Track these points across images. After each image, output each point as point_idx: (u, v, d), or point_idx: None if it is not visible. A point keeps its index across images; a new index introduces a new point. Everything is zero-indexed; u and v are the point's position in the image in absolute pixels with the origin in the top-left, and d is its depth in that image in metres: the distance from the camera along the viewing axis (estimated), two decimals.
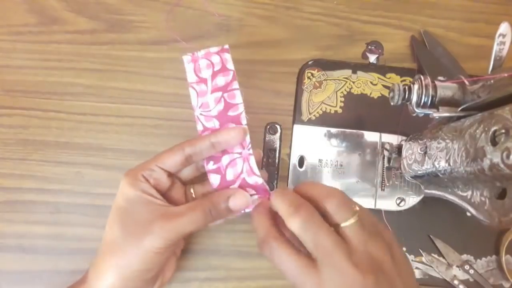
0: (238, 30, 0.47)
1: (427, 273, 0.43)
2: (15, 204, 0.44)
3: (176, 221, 0.31)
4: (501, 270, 0.43)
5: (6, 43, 0.46)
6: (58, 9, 0.47)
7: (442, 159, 0.33)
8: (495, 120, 0.26)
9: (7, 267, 0.43)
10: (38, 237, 0.43)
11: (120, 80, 0.46)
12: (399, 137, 0.44)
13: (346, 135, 0.45)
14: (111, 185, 0.44)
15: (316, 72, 0.46)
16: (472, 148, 0.28)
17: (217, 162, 0.35)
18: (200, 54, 0.35)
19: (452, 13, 0.49)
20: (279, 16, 0.48)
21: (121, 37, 0.47)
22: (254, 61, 0.47)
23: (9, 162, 0.44)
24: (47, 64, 0.46)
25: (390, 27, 0.48)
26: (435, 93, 0.32)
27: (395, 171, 0.44)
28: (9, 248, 0.43)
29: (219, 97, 0.35)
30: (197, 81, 0.35)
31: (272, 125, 0.46)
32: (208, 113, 0.35)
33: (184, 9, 0.48)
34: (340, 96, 0.46)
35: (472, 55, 0.47)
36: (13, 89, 0.45)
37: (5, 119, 0.45)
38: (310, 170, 0.44)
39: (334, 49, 0.47)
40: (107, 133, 0.45)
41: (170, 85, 0.46)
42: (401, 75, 0.47)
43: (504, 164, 0.25)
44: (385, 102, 0.46)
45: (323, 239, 0.27)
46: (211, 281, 0.43)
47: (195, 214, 0.32)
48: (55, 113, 0.45)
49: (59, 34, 0.46)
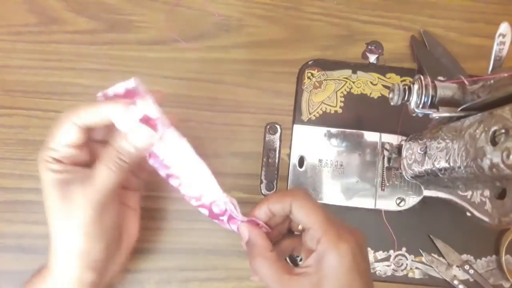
0: (238, 30, 0.47)
1: (427, 273, 0.43)
2: (15, 204, 0.44)
3: (92, 186, 0.31)
4: (501, 270, 0.43)
5: (6, 43, 0.46)
6: (58, 9, 0.47)
7: (442, 159, 0.33)
8: (495, 120, 0.26)
9: (6, 267, 0.43)
10: (37, 237, 0.43)
11: (120, 80, 0.46)
12: (399, 137, 0.44)
13: (346, 135, 0.45)
14: None
15: (316, 72, 0.46)
16: (472, 148, 0.28)
17: (199, 200, 0.35)
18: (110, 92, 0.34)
19: (452, 13, 0.49)
20: (279, 16, 0.48)
21: (121, 37, 0.47)
22: (254, 61, 0.47)
23: (9, 162, 0.44)
24: (47, 64, 0.46)
25: (390, 27, 0.48)
26: (435, 93, 0.32)
27: (395, 171, 0.44)
28: (9, 248, 0.43)
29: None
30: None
31: (272, 125, 0.46)
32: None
33: (184, 9, 0.48)
34: (340, 96, 0.46)
35: (472, 55, 0.47)
36: (13, 89, 0.45)
37: (5, 119, 0.45)
38: (310, 170, 0.44)
39: (334, 49, 0.47)
40: None
41: (170, 85, 0.46)
42: (401, 75, 0.47)
43: (504, 164, 0.25)
44: (385, 102, 0.45)
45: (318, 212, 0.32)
46: (211, 281, 0.43)
47: (106, 168, 0.32)
48: (55, 113, 0.45)
49: (59, 34, 0.46)
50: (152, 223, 0.44)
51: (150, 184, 0.44)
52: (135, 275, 0.43)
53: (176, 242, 0.44)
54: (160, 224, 0.44)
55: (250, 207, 0.44)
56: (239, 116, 0.46)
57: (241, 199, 0.44)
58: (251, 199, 0.44)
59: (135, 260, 0.43)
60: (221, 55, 0.47)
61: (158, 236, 0.44)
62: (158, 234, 0.44)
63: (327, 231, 0.30)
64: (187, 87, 0.46)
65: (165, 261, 0.43)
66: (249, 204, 0.44)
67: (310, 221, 0.31)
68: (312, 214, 0.31)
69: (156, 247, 0.44)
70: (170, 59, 0.46)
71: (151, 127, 0.32)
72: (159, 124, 0.32)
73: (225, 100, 0.46)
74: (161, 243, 0.44)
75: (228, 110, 0.46)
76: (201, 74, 0.46)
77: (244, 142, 0.45)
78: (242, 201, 0.35)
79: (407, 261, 0.44)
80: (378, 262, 0.43)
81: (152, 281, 0.43)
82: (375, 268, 0.43)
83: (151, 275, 0.43)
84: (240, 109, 0.46)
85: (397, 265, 0.43)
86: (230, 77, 0.46)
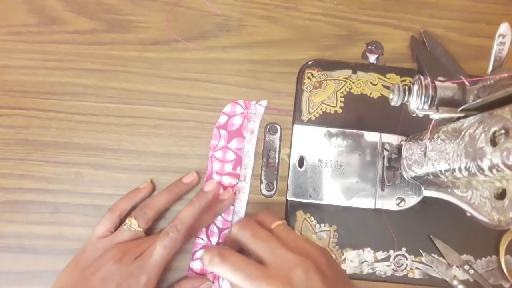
0: (238, 30, 0.47)
1: (427, 273, 0.43)
2: (15, 204, 0.44)
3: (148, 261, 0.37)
4: (501, 270, 0.43)
5: (6, 43, 0.46)
6: (58, 9, 0.47)
7: (442, 160, 0.33)
8: (495, 121, 0.26)
9: (7, 267, 0.43)
10: (38, 237, 0.43)
11: (120, 80, 0.46)
12: (399, 137, 0.44)
13: (346, 135, 0.45)
14: (111, 185, 0.44)
15: (316, 72, 0.46)
16: (472, 149, 0.28)
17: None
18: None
19: (452, 13, 0.49)
20: (279, 16, 0.48)
21: (121, 37, 0.47)
22: (254, 61, 0.47)
23: (9, 162, 0.44)
24: (47, 64, 0.46)
25: (390, 27, 0.48)
26: (435, 94, 0.32)
27: (395, 171, 0.44)
28: (9, 248, 0.43)
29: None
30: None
31: (272, 125, 0.46)
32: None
33: (184, 9, 0.48)
34: (340, 96, 0.46)
35: (472, 55, 0.47)
36: (13, 89, 0.45)
37: (5, 119, 0.45)
38: (310, 170, 0.44)
39: (334, 49, 0.47)
40: (107, 133, 0.45)
41: (170, 85, 0.46)
42: (401, 75, 0.47)
43: (504, 164, 0.25)
44: (385, 102, 0.46)
45: (262, 236, 0.35)
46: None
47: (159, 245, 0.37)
48: (55, 113, 0.45)
49: (59, 34, 0.46)
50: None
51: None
52: None
53: None
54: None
55: (250, 207, 0.44)
56: None
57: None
58: (251, 199, 0.44)
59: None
60: (221, 55, 0.47)
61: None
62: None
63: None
64: (187, 87, 0.46)
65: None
66: (249, 204, 0.44)
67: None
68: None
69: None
70: (170, 59, 0.46)
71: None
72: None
73: (225, 100, 0.46)
74: None
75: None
76: (201, 74, 0.46)
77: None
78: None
79: (407, 261, 0.44)
80: (378, 262, 0.44)
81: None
82: (375, 268, 0.43)
83: None
84: None
85: (397, 265, 0.44)
86: (230, 77, 0.46)
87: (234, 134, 0.44)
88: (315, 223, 0.44)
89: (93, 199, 0.44)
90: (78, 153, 0.44)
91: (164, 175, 0.44)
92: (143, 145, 0.45)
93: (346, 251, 0.44)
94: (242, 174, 0.44)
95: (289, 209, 0.44)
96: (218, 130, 0.45)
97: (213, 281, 0.41)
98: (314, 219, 0.44)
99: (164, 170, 0.44)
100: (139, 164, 0.44)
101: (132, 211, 0.42)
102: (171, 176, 0.44)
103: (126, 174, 0.44)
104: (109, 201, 0.43)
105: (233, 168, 0.44)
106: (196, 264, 0.42)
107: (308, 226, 0.44)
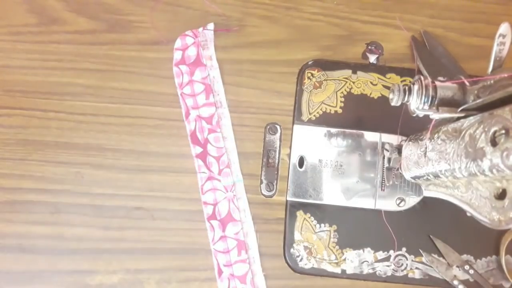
0: (238, 30, 0.47)
1: (427, 273, 0.43)
2: (15, 204, 0.44)
3: None
4: (501, 270, 0.43)
5: (6, 43, 0.46)
6: (58, 9, 0.47)
7: (442, 160, 0.33)
8: (495, 121, 0.26)
9: (7, 267, 0.43)
10: (38, 237, 0.43)
11: (120, 80, 0.46)
12: (399, 137, 0.44)
13: (346, 135, 0.45)
14: (111, 185, 0.44)
15: (316, 72, 0.46)
16: (472, 149, 0.28)
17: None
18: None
19: (452, 13, 0.49)
20: (279, 16, 0.48)
21: (121, 37, 0.47)
22: (254, 61, 0.47)
23: (9, 162, 0.44)
24: (47, 64, 0.46)
25: (390, 27, 0.48)
26: (435, 94, 0.32)
27: (395, 171, 0.44)
28: (9, 248, 0.43)
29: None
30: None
31: (272, 125, 0.46)
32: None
33: (185, 9, 0.48)
34: (340, 96, 0.46)
35: (472, 55, 0.47)
36: (13, 89, 0.45)
37: (5, 119, 0.45)
38: (310, 170, 0.44)
39: (334, 49, 0.47)
40: (107, 133, 0.45)
41: (170, 85, 0.46)
42: (401, 75, 0.47)
43: (504, 164, 0.25)
44: (385, 102, 0.45)
45: None
46: (211, 281, 0.43)
47: None
48: (55, 113, 0.45)
49: (59, 34, 0.46)
50: (152, 223, 0.44)
51: (150, 184, 0.44)
52: (135, 275, 0.43)
53: (176, 242, 0.44)
54: (160, 224, 0.44)
55: (250, 207, 0.44)
56: (239, 116, 0.46)
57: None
58: (251, 199, 0.44)
59: (135, 260, 0.43)
60: (221, 55, 0.47)
61: (158, 236, 0.44)
62: (158, 234, 0.44)
63: None
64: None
65: (165, 261, 0.43)
66: (249, 204, 0.44)
67: None
68: None
69: (156, 247, 0.44)
70: (170, 59, 0.46)
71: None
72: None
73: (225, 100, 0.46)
74: (161, 243, 0.44)
75: (228, 110, 0.46)
76: None
77: (244, 142, 0.45)
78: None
79: (407, 261, 0.44)
80: (378, 262, 0.44)
81: (152, 281, 0.43)
82: (375, 268, 0.43)
83: (151, 275, 0.43)
84: (240, 109, 0.46)
85: (397, 265, 0.44)
86: (230, 77, 0.46)
87: (194, 65, 0.45)
88: (315, 223, 0.44)
89: (93, 199, 0.44)
90: (78, 153, 0.45)
91: (164, 175, 0.44)
92: (143, 145, 0.45)
93: (346, 251, 0.44)
94: (217, 101, 0.45)
95: (289, 209, 0.44)
96: (177, 67, 0.45)
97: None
98: (314, 219, 0.44)
99: (164, 170, 0.44)
100: (139, 164, 0.44)
101: None
102: (171, 176, 0.44)
103: (126, 174, 0.44)
104: (109, 201, 0.43)
105: (207, 98, 0.44)
106: (206, 197, 0.44)
107: (308, 226, 0.44)
